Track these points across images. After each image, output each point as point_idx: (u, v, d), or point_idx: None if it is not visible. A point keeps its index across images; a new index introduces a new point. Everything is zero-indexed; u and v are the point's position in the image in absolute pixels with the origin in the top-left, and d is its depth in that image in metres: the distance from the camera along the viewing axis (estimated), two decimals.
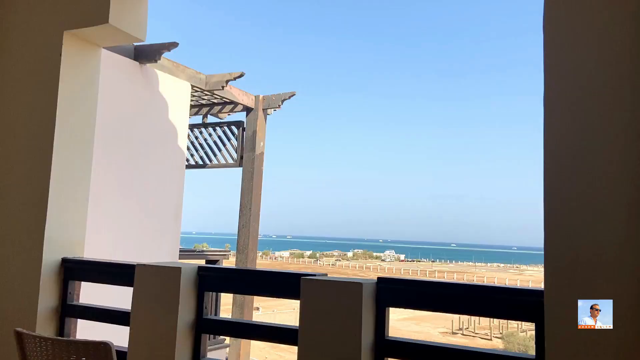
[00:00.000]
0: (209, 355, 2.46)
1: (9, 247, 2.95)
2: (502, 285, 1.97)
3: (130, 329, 2.61)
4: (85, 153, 3.09)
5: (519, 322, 28.16)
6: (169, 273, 2.55)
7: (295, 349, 2.25)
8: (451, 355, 2.10)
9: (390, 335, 2.21)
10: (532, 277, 43.84)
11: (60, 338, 1.85)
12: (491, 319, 27.62)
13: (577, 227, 1.84)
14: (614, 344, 1.72)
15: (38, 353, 1.91)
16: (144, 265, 2.62)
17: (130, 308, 2.62)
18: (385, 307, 2.24)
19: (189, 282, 2.57)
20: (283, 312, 23.61)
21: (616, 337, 1.71)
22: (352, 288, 2.18)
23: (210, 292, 2.68)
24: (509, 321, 28.03)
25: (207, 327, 2.58)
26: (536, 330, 1.93)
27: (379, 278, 2.27)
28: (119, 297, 2.80)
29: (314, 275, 2.32)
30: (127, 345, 2.59)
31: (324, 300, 2.23)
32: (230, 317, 6.40)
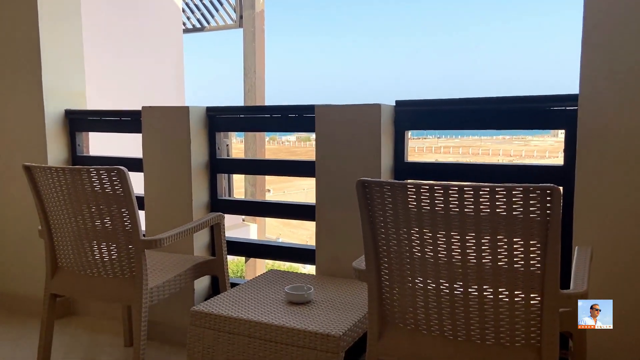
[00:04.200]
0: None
1: (9, 102, 2.83)
2: (533, 94, 1.84)
3: (144, 175, 2.57)
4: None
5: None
6: (177, 113, 2.45)
7: (309, 228, 2.20)
8: (471, 172, 2.05)
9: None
10: (537, 147, 44.07)
11: (71, 166, 1.79)
12: None
13: (616, 40, 1.68)
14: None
15: (50, 184, 1.87)
16: (151, 107, 2.51)
17: (141, 155, 2.57)
18: (404, 131, 2.15)
19: (199, 122, 2.47)
20: (293, 192, 24.37)
21: None
22: (369, 111, 2.07)
23: (222, 134, 2.59)
24: None
25: (222, 167, 2.53)
26: (566, 137, 1.84)
27: (397, 101, 2.15)
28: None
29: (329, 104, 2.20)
30: (143, 192, 2.57)
31: (341, 127, 2.13)
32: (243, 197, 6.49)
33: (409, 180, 1.68)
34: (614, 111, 1.71)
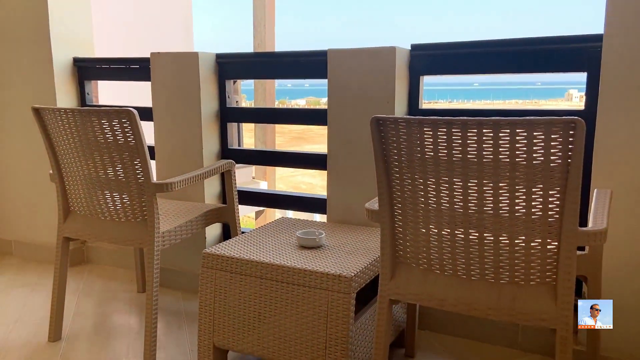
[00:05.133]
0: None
1: (17, 50, 2.79)
2: (554, 35, 1.76)
3: (154, 123, 2.55)
4: None
5: None
6: (186, 60, 2.40)
7: (319, 191, 2.16)
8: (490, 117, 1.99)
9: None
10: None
11: (80, 107, 1.77)
12: None
13: None
14: None
15: (60, 127, 1.85)
16: (159, 53, 2.46)
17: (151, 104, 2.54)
18: (419, 76, 2.09)
19: (208, 69, 2.42)
20: None
21: None
22: (384, 55, 2.01)
23: (232, 89, 2.55)
24: None
25: (232, 115, 2.50)
26: (587, 81, 1.78)
27: (412, 45, 2.08)
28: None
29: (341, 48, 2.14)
30: (153, 142, 2.55)
31: (354, 72, 2.08)
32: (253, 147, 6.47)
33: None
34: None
